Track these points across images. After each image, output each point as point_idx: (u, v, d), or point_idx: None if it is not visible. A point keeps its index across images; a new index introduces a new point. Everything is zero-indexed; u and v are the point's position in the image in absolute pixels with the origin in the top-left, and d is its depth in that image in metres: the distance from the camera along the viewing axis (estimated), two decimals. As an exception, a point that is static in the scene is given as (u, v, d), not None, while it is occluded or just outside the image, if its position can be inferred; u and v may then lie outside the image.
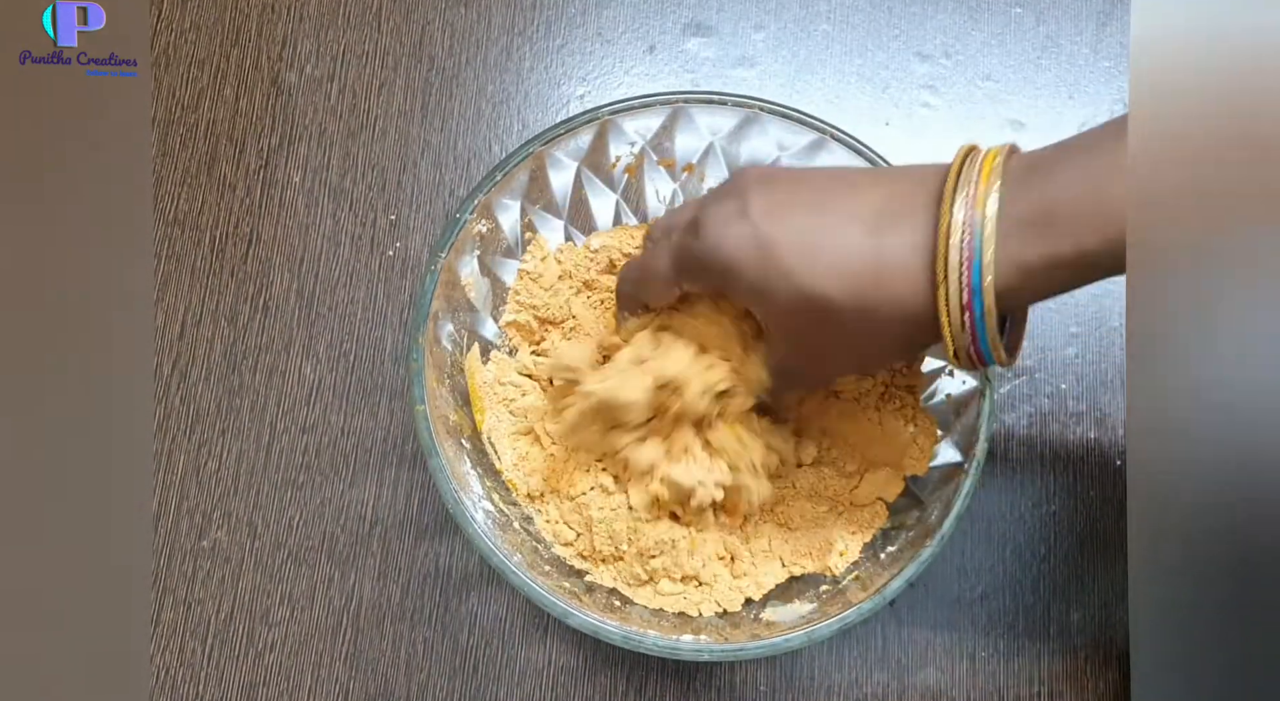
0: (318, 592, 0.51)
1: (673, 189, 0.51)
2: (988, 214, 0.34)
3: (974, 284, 0.35)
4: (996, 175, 0.35)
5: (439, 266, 0.45)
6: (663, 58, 0.59)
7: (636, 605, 0.46)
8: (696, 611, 0.46)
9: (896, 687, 0.50)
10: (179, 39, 0.59)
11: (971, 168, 0.36)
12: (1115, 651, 0.50)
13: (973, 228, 0.35)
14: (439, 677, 0.50)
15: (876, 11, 0.59)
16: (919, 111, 0.58)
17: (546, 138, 0.46)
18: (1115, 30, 0.59)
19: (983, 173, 0.35)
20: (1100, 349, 0.54)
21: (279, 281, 0.55)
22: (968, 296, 0.35)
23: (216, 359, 0.54)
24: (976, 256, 0.35)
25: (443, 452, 0.43)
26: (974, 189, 0.35)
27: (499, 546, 0.42)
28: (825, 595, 0.45)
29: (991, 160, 0.36)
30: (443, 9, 0.59)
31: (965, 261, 0.35)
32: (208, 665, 0.50)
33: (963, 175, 0.36)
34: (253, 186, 0.57)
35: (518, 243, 0.49)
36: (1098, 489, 0.52)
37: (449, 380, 0.47)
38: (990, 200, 0.35)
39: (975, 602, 0.51)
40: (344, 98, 0.58)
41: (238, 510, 0.52)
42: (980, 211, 0.35)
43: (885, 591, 0.41)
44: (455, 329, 0.47)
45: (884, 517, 0.47)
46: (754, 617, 0.45)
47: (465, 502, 0.43)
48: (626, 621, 0.43)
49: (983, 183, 0.35)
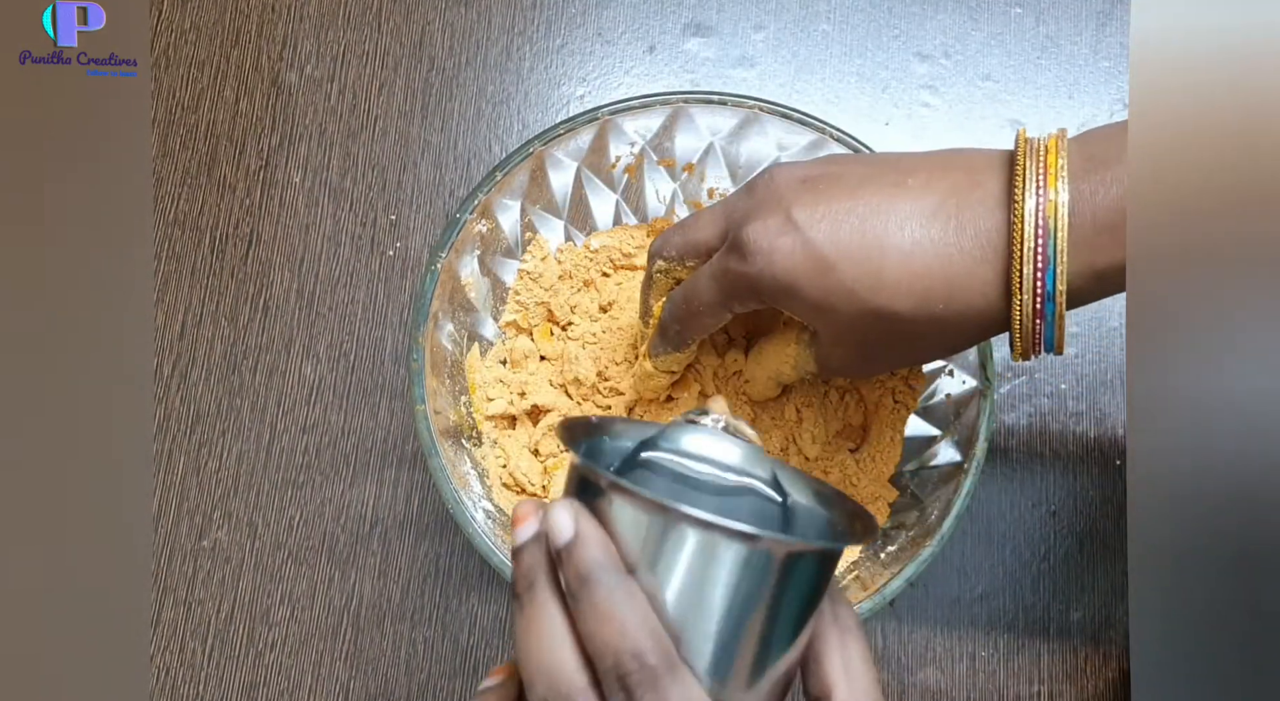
0: (318, 592, 0.51)
1: (673, 189, 0.51)
2: (1059, 223, 0.34)
3: (1048, 291, 0.34)
4: (1064, 175, 0.34)
5: (439, 266, 0.45)
6: (663, 58, 0.59)
7: None
8: None
9: (896, 687, 0.50)
10: (179, 39, 0.59)
11: (1033, 162, 0.35)
12: (1115, 651, 0.50)
13: (1046, 234, 0.34)
14: (439, 677, 0.50)
15: (876, 11, 0.59)
16: (919, 111, 0.58)
17: (547, 137, 0.46)
18: (1115, 30, 0.59)
19: (1049, 173, 0.34)
20: (1100, 349, 0.54)
21: (279, 281, 0.55)
22: (1040, 303, 0.34)
23: (216, 359, 0.54)
24: (1050, 266, 0.34)
25: (443, 452, 0.43)
26: (1042, 193, 0.34)
27: (499, 546, 0.42)
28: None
29: (1055, 156, 0.35)
30: (443, 9, 0.59)
31: (1040, 272, 0.34)
32: (208, 665, 0.50)
33: (1026, 172, 0.34)
34: (253, 187, 0.57)
35: (518, 242, 0.49)
36: (1097, 488, 0.52)
37: (449, 380, 0.47)
38: (1061, 206, 0.34)
39: (975, 602, 0.51)
40: (344, 98, 0.58)
41: (238, 510, 0.52)
42: (1052, 220, 0.34)
43: (885, 591, 0.41)
44: (455, 329, 0.47)
45: (884, 517, 0.47)
46: None
47: (465, 502, 0.43)
48: None
49: (1050, 185, 0.34)
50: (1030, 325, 0.35)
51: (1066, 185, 0.34)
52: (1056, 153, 0.35)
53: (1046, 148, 0.35)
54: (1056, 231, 0.34)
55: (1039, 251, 0.34)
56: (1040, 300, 0.34)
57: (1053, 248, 0.34)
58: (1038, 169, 0.34)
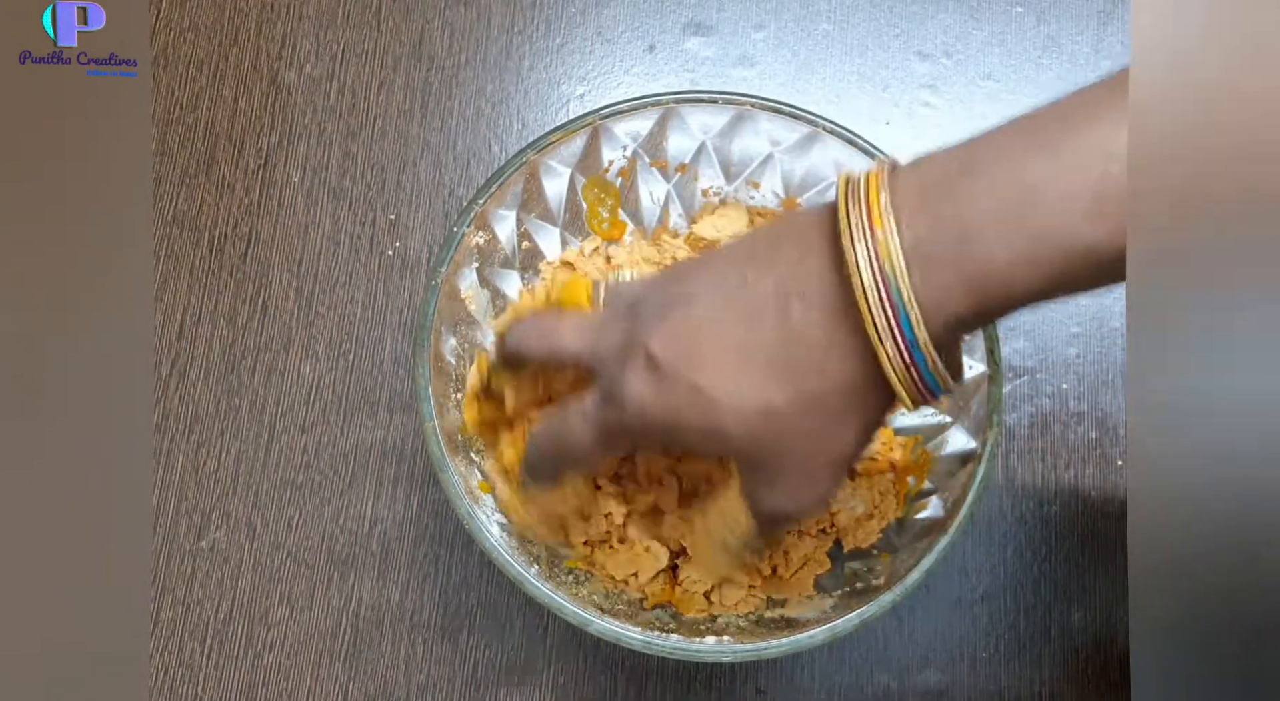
0: (317, 593, 0.51)
1: (666, 189, 0.51)
2: (895, 265, 0.32)
3: (910, 339, 0.33)
4: (888, 210, 0.32)
5: (439, 281, 0.45)
6: (663, 57, 0.59)
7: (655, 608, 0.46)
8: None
9: (897, 688, 0.50)
10: (178, 39, 0.59)
11: (856, 207, 0.33)
12: (1117, 652, 0.50)
13: (886, 285, 0.32)
14: (438, 678, 0.50)
15: (877, 11, 0.59)
16: (919, 111, 0.58)
17: (539, 146, 0.46)
18: (1116, 30, 0.59)
19: (872, 217, 0.32)
20: (1101, 349, 0.54)
21: (278, 281, 0.55)
22: (909, 354, 0.33)
23: (215, 359, 0.54)
24: (904, 323, 0.32)
25: (454, 468, 0.43)
26: (870, 241, 0.32)
27: (516, 559, 0.42)
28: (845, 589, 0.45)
29: (876, 199, 0.33)
30: (442, 8, 0.59)
31: (895, 326, 0.32)
32: (207, 665, 0.50)
33: (852, 222, 0.33)
34: (252, 186, 0.57)
35: (514, 252, 0.49)
36: (1099, 489, 0.52)
37: (455, 395, 0.46)
38: (894, 251, 0.32)
39: (976, 603, 0.51)
40: (343, 97, 0.58)
41: (237, 510, 0.52)
42: (888, 263, 0.32)
43: (906, 582, 0.41)
44: (458, 342, 0.47)
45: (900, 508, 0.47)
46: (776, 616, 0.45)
47: (479, 517, 0.43)
48: (647, 626, 0.43)
49: (877, 226, 0.32)
50: (907, 375, 0.33)
51: (895, 228, 0.32)
52: (878, 196, 0.33)
53: (873, 191, 0.33)
54: (896, 278, 0.32)
55: (886, 301, 0.32)
56: (906, 350, 0.33)
57: (897, 293, 0.32)
58: (860, 211, 0.33)
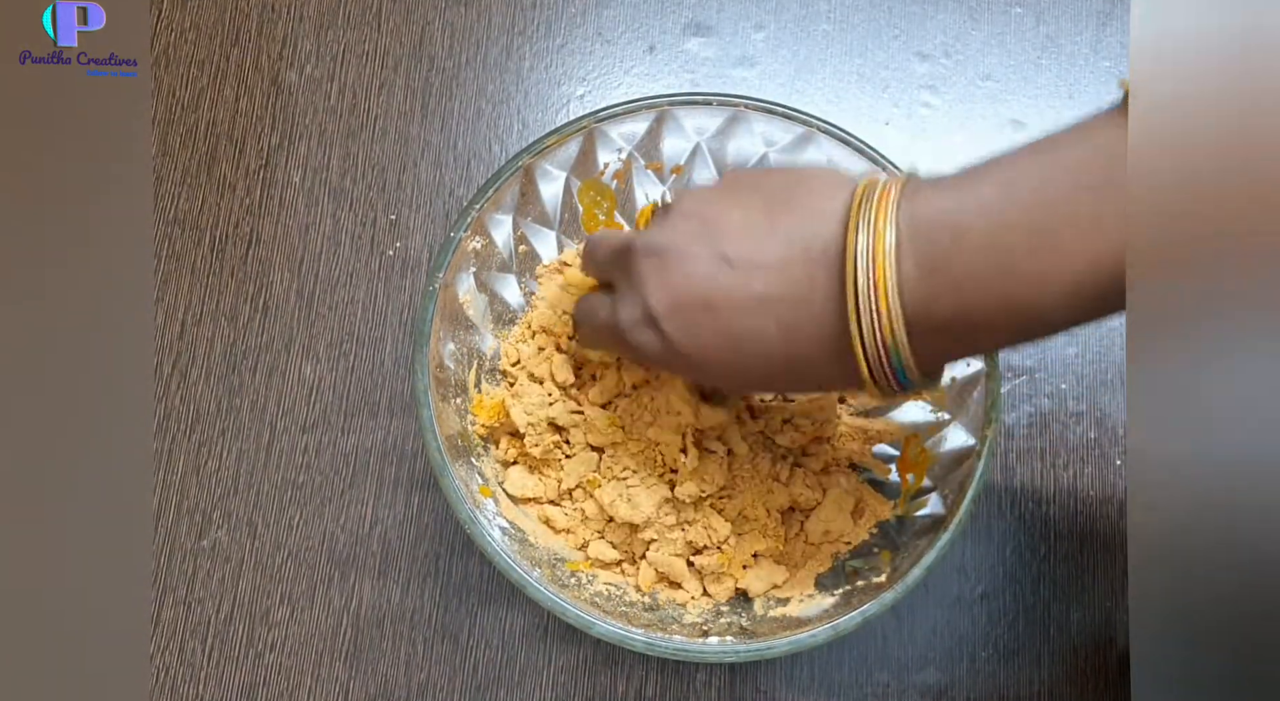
0: (317, 592, 0.51)
1: (661, 191, 0.51)
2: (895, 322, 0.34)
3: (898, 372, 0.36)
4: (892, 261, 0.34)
5: (437, 286, 0.45)
6: (663, 58, 0.59)
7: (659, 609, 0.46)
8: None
9: (896, 687, 0.50)
10: (179, 39, 0.59)
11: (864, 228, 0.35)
12: (1115, 651, 0.50)
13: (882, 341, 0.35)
14: (439, 677, 0.50)
15: (876, 11, 0.59)
16: (919, 111, 0.58)
17: (534, 150, 0.46)
18: (1115, 30, 0.59)
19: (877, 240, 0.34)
20: (1101, 348, 0.54)
21: (279, 281, 0.55)
22: (895, 385, 0.36)
23: (216, 358, 0.54)
24: (896, 362, 0.35)
25: (455, 473, 0.43)
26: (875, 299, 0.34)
27: (518, 563, 0.42)
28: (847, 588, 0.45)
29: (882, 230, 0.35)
30: (443, 9, 0.59)
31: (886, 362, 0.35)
32: (207, 665, 0.50)
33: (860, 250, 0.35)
34: (253, 186, 0.57)
35: (511, 256, 0.49)
36: (1098, 488, 0.52)
37: (455, 400, 0.46)
38: (892, 301, 0.34)
39: (975, 602, 0.51)
40: (344, 98, 0.58)
41: (238, 510, 0.52)
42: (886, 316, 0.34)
43: (908, 578, 0.41)
44: (456, 347, 0.47)
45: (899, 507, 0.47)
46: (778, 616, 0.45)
47: (481, 521, 0.43)
48: (650, 627, 0.43)
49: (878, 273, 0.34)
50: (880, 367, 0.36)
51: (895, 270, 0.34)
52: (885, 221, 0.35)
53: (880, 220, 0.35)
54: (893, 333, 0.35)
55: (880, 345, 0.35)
56: (895, 382, 0.36)
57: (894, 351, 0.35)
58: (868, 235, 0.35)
